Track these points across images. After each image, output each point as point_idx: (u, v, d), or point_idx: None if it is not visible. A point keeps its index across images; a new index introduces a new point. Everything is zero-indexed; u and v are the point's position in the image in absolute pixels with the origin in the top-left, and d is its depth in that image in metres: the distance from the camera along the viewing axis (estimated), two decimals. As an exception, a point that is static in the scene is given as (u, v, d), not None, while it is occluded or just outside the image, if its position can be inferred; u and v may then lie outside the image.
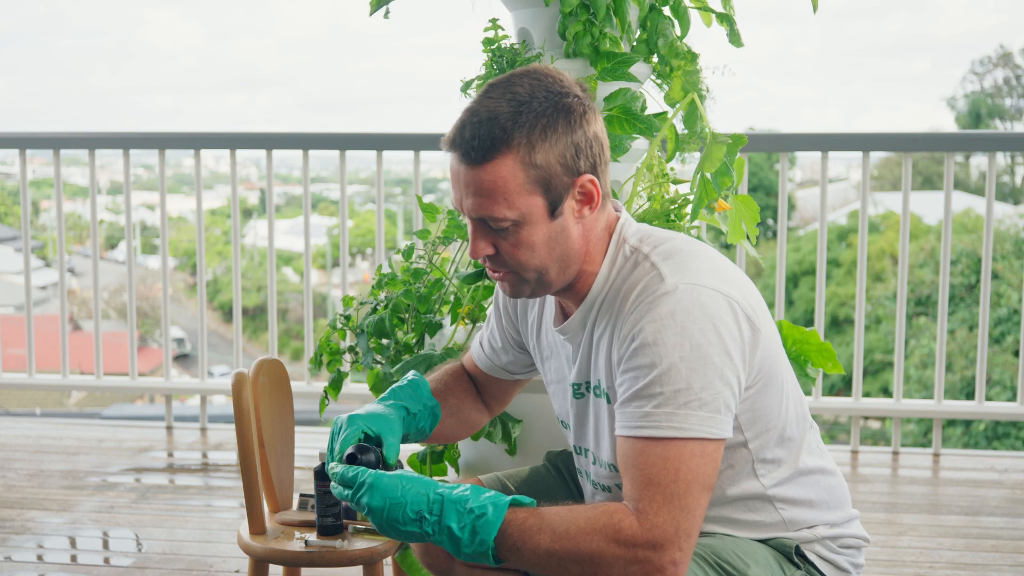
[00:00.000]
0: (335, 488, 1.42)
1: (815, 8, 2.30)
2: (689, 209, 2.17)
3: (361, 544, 1.86)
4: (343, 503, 1.87)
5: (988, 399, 11.83)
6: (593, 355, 1.50)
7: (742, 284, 1.44)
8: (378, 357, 2.27)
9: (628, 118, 2.16)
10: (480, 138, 1.37)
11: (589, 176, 1.42)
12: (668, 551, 1.29)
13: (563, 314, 1.57)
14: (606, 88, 2.24)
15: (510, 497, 1.34)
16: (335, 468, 1.43)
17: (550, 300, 1.62)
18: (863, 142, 3.61)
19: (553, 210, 1.41)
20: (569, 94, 1.41)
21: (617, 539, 1.30)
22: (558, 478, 1.80)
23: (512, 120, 1.37)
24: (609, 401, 1.47)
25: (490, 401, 1.81)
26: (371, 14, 2.39)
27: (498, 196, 1.38)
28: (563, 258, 1.44)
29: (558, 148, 1.39)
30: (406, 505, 1.34)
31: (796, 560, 1.52)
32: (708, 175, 2.12)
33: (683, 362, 1.33)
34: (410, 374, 1.69)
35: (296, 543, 1.87)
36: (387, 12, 2.40)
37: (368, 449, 1.48)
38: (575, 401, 1.56)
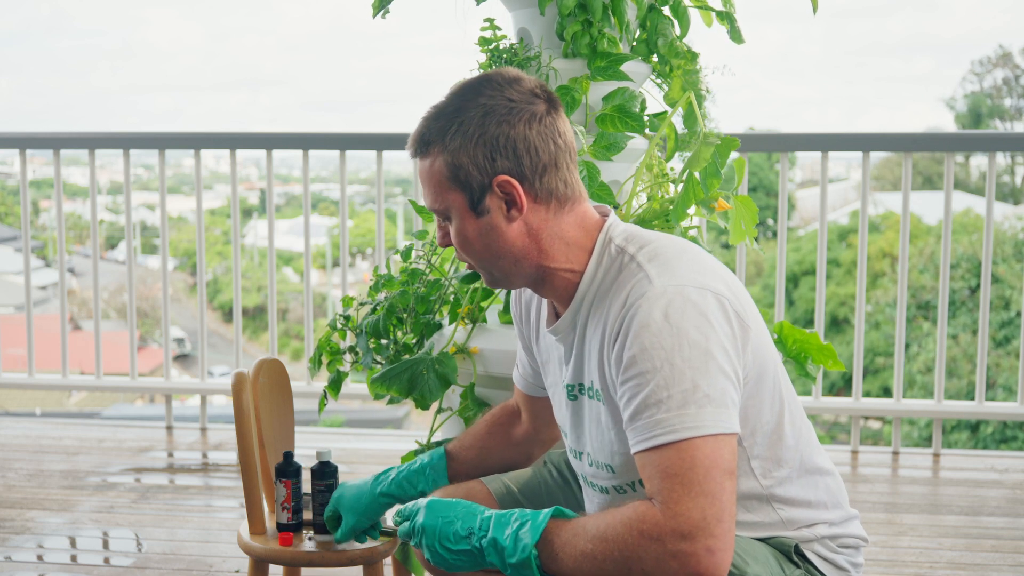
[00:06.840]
0: (396, 521, 1.51)
1: (815, 9, 2.31)
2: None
3: (361, 544, 1.86)
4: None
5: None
6: (586, 356, 1.49)
7: (728, 281, 1.44)
8: (378, 357, 2.27)
9: (620, 116, 2.16)
10: (418, 133, 1.48)
11: (505, 176, 1.43)
12: (699, 539, 1.27)
13: (555, 315, 1.57)
14: (601, 87, 2.24)
15: (554, 508, 1.38)
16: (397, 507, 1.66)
17: (545, 302, 1.62)
18: (863, 142, 3.61)
19: (475, 207, 1.45)
20: (505, 96, 1.44)
21: (644, 532, 1.29)
22: (560, 479, 1.80)
23: (445, 119, 1.45)
24: (601, 401, 1.47)
25: (540, 427, 1.79)
26: (374, 16, 2.40)
27: (430, 188, 1.48)
28: (507, 255, 1.47)
29: (471, 147, 1.43)
30: (457, 522, 1.42)
31: (795, 559, 1.51)
32: (696, 175, 2.12)
33: (685, 362, 1.32)
34: (436, 454, 1.79)
35: (296, 543, 1.87)
36: (385, 12, 2.41)
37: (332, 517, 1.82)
38: (569, 403, 1.56)
